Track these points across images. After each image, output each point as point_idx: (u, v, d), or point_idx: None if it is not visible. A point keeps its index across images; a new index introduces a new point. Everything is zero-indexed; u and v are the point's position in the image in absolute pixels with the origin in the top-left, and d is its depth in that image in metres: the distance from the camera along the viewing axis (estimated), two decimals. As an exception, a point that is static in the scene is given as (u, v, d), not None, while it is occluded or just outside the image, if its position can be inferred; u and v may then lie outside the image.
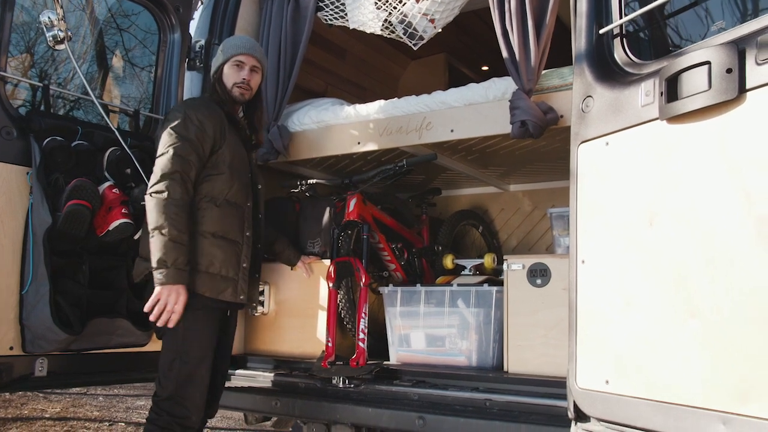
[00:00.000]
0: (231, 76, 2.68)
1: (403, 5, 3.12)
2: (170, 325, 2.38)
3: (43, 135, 2.63)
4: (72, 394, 6.10)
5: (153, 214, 2.37)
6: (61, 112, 3.05)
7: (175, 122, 2.48)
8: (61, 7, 2.76)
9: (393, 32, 3.23)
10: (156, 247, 2.35)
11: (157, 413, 2.45)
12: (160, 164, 2.43)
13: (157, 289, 2.35)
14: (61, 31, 2.76)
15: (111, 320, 2.74)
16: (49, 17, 2.75)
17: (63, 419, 5.30)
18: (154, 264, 2.35)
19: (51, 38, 2.77)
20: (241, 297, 2.58)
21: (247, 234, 2.63)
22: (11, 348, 2.55)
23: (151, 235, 2.36)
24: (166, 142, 2.46)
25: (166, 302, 2.35)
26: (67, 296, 2.59)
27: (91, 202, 2.56)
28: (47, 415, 5.39)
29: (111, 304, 2.77)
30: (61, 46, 2.79)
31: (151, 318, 2.37)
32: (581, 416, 1.90)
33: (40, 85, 2.85)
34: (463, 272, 3.33)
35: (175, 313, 2.37)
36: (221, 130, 2.56)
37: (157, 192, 2.40)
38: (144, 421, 2.51)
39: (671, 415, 1.58)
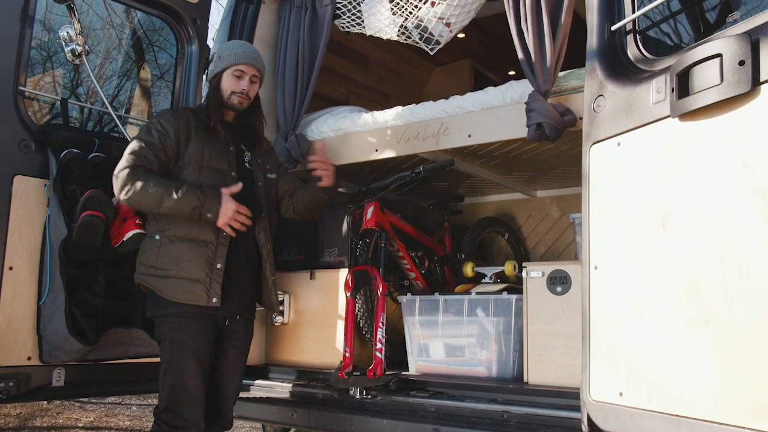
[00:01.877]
0: (230, 85, 2.69)
1: (419, 10, 3.09)
2: (248, 222, 2.55)
3: (60, 147, 2.67)
4: (106, 404, 6.20)
5: (147, 198, 2.42)
6: (78, 125, 3.10)
7: (139, 132, 2.60)
8: (79, 22, 2.81)
9: (409, 37, 3.20)
10: (178, 206, 2.43)
11: (158, 425, 2.46)
12: (120, 164, 2.49)
13: (220, 213, 2.47)
14: (79, 45, 2.81)
15: (128, 330, 2.75)
16: (67, 32, 2.81)
17: (95, 429, 5.38)
18: (194, 215, 2.44)
19: (69, 52, 2.83)
20: (214, 300, 2.49)
21: (224, 233, 2.55)
22: (29, 358, 2.58)
23: (164, 210, 2.43)
24: (129, 146, 2.54)
25: (230, 213, 2.48)
26: (82, 307, 2.61)
27: (105, 212, 2.59)
28: (80, 425, 5.47)
29: (127, 315, 2.79)
30: (80, 60, 2.84)
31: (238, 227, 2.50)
32: (595, 430, 1.81)
33: (58, 98, 2.90)
34: (483, 280, 3.26)
35: (243, 215, 2.53)
36: (186, 132, 2.58)
37: (125, 184, 2.44)
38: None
39: (685, 430, 1.49)
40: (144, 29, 3.33)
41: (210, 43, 3.47)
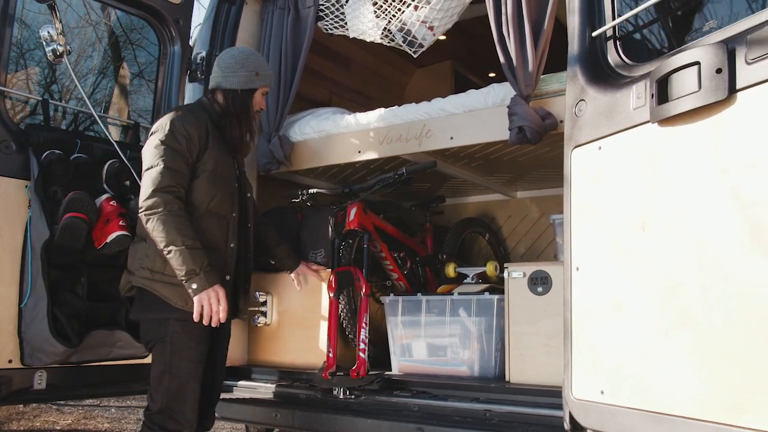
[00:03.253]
0: (258, 103, 2.74)
1: (402, 13, 3.11)
2: (222, 320, 2.43)
3: (41, 148, 2.64)
4: (85, 406, 6.13)
5: (158, 233, 2.36)
6: (60, 125, 3.08)
7: (164, 134, 2.47)
8: (60, 22, 2.78)
9: (393, 40, 3.22)
10: (178, 261, 2.36)
11: (149, 427, 2.44)
12: (151, 178, 2.40)
13: (196, 298, 2.39)
14: (60, 45, 2.78)
15: (110, 332, 2.74)
16: (48, 32, 2.78)
17: (73, 431, 5.32)
18: (183, 277, 2.38)
19: (51, 52, 2.79)
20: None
21: (231, 245, 2.58)
22: (10, 361, 2.56)
23: (166, 253, 2.37)
24: (155, 155, 2.43)
25: (210, 306, 2.39)
26: (65, 309, 2.59)
27: (88, 214, 2.57)
28: (58, 428, 5.41)
29: (110, 317, 2.77)
30: (61, 61, 2.81)
31: (204, 323, 2.41)
32: (577, 427, 1.85)
33: (39, 99, 2.87)
34: (465, 281, 3.29)
35: (222, 311, 2.42)
36: (206, 137, 2.55)
37: (150, 209, 2.38)
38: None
39: (665, 427, 1.53)
40: (126, 29, 3.31)
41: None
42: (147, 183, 2.41)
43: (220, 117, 2.65)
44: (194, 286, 2.37)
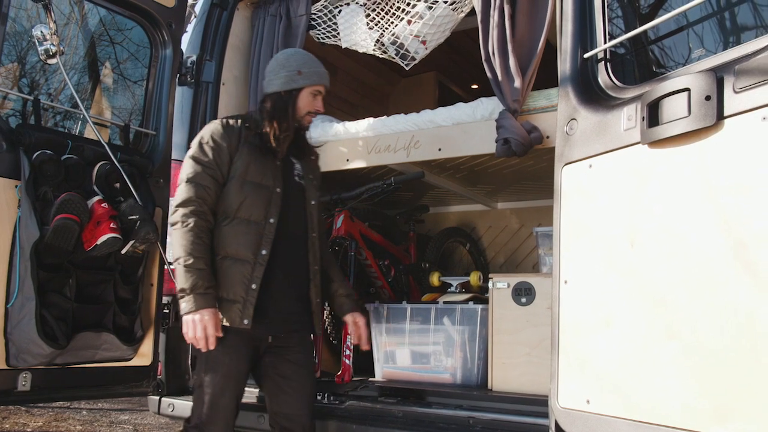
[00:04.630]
0: (308, 104, 2.60)
1: (395, 26, 3.16)
2: (210, 347, 2.33)
3: (32, 148, 2.63)
4: (55, 408, 6.04)
5: (173, 248, 2.39)
6: (51, 125, 3.06)
7: (194, 149, 2.50)
8: (54, 22, 2.78)
9: (386, 52, 3.27)
10: (177, 278, 2.36)
11: None
12: (177, 194, 2.45)
13: (183, 319, 2.33)
14: (53, 45, 2.77)
15: (97, 334, 2.73)
16: (41, 31, 2.77)
17: (45, 433, 5.25)
18: (178, 294, 2.36)
19: (43, 52, 2.78)
20: (245, 322, 2.39)
21: (263, 252, 2.45)
22: (-6, 362, 2.54)
23: (174, 240, 2.40)
24: (183, 170, 2.48)
25: (195, 330, 2.31)
26: (53, 310, 2.58)
27: (80, 216, 2.57)
28: (29, 430, 5.33)
29: (97, 319, 2.76)
30: (53, 60, 2.80)
31: (196, 345, 2.36)
32: (563, 435, 1.91)
33: (31, 98, 2.86)
34: (449, 290, 3.35)
35: (210, 336, 2.32)
36: (236, 144, 2.51)
37: (172, 224, 2.43)
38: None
39: (650, 435, 1.60)
40: (118, 31, 3.31)
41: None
42: (174, 198, 2.46)
43: (259, 122, 2.58)
44: (182, 305, 2.34)
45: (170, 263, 3.15)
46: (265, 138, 2.54)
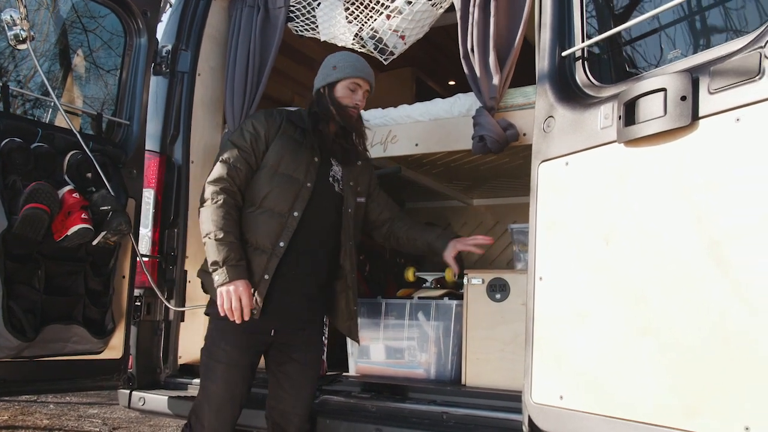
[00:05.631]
0: (345, 97, 2.59)
1: (374, 21, 3.15)
2: (245, 317, 2.35)
3: (0, 136, 2.57)
4: (22, 402, 5.93)
5: (202, 224, 2.41)
6: (20, 113, 2.99)
7: (234, 134, 2.57)
8: (25, 6, 2.71)
9: (364, 46, 3.26)
10: (208, 252, 2.38)
11: (186, 425, 2.54)
12: (211, 172, 2.49)
13: (218, 292, 2.35)
14: (23, 30, 2.70)
15: (66, 327, 2.67)
16: (11, 15, 2.69)
17: (11, 428, 5.14)
18: (210, 268, 2.37)
19: (12, 37, 2.70)
20: (253, 311, 2.38)
21: (281, 244, 2.43)
22: (-41, 354, 2.47)
23: (204, 244, 2.40)
24: (220, 151, 2.54)
25: (230, 300, 2.33)
26: (21, 302, 2.51)
27: (50, 206, 2.51)
28: (-6, 423, 5.23)
29: (67, 311, 2.70)
30: (23, 46, 2.72)
31: (231, 319, 2.35)
32: (535, 430, 1.93)
33: (-1, 84, 2.79)
34: (424, 285, 3.36)
35: (245, 307, 2.34)
36: (274, 134, 2.52)
37: (203, 201, 2.44)
38: (96, 429, 2.48)
39: (620, 430, 1.62)
40: (91, 18, 3.24)
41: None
42: (210, 174, 2.49)
43: (304, 118, 2.62)
44: (216, 278, 2.36)
45: (143, 255, 3.11)
46: (304, 132, 2.58)
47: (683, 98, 1.59)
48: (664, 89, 1.63)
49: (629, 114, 1.72)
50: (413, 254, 2.98)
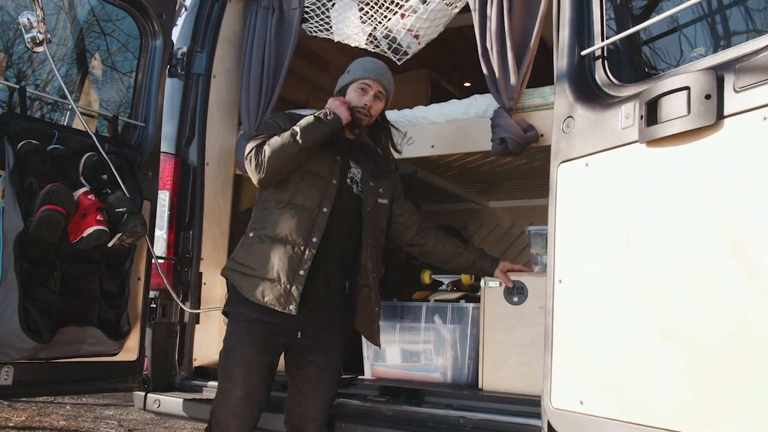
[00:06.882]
0: (353, 99, 2.60)
1: (388, 20, 3.14)
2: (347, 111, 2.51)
3: (17, 138, 2.57)
4: (39, 403, 5.96)
5: (279, 149, 2.41)
6: (37, 115, 3.00)
7: (259, 129, 2.67)
8: (41, 9, 2.72)
9: (378, 47, 3.24)
10: (304, 130, 2.43)
11: (207, 428, 2.53)
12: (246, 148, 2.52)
13: (327, 108, 2.51)
14: (40, 33, 2.71)
15: (82, 328, 2.67)
16: (28, 18, 2.70)
17: (28, 429, 5.17)
18: (312, 124, 2.45)
19: (30, 40, 2.71)
20: (291, 307, 2.37)
21: (314, 240, 2.43)
22: (-25, 356, 2.48)
23: (293, 144, 2.42)
24: (252, 140, 2.56)
25: (334, 104, 2.51)
26: (37, 303, 2.52)
27: (66, 207, 2.51)
28: (11, 425, 5.26)
29: (82, 312, 2.70)
30: (40, 49, 2.73)
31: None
32: (555, 436, 1.89)
33: (17, 86, 2.80)
34: (440, 288, 3.33)
35: (344, 103, 2.52)
36: None
37: (257, 163, 2.44)
38: (112, 431, 2.48)
39: (644, 437, 1.58)
40: (108, 21, 3.25)
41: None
42: (245, 154, 2.52)
43: None
44: (324, 118, 2.47)
45: (158, 257, 3.11)
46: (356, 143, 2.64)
47: (707, 97, 1.54)
48: (687, 88, 1.58)
49: (651, 113, 1.68)
50: (437, 265, 2.94)
